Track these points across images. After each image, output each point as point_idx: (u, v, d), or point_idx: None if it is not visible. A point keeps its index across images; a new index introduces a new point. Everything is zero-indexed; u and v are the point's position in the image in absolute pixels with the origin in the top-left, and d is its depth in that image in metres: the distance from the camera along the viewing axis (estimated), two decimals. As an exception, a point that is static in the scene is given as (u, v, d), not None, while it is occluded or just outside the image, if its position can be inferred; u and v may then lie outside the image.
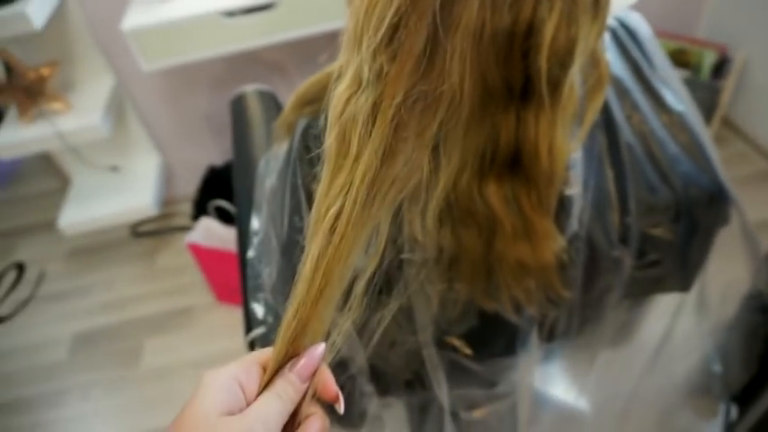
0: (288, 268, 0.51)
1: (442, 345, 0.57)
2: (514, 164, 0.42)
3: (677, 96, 0.54)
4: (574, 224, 0.47)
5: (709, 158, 0.54)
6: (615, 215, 0.51)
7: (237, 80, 1.65)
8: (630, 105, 0.50)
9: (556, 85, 0.39)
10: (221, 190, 1.50)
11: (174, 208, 1.85)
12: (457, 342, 0.57)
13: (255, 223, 0.62)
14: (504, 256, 0.46)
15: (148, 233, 1.80)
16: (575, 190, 0.46)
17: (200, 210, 1.54)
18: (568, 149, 0.42)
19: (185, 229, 1.74)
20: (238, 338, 1.44)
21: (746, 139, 1.72)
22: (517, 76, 0.38)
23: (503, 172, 0.43)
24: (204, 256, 1.40)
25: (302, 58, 1.66)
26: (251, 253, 0.59)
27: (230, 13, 1.23)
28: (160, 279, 1.69)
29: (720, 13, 1.68)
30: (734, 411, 0.97)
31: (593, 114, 0.44)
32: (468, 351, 0.58)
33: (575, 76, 0.40)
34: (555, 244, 0.46)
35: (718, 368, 0.85)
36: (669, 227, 0.54)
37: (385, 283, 0.49)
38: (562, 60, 0.38)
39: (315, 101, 0.52)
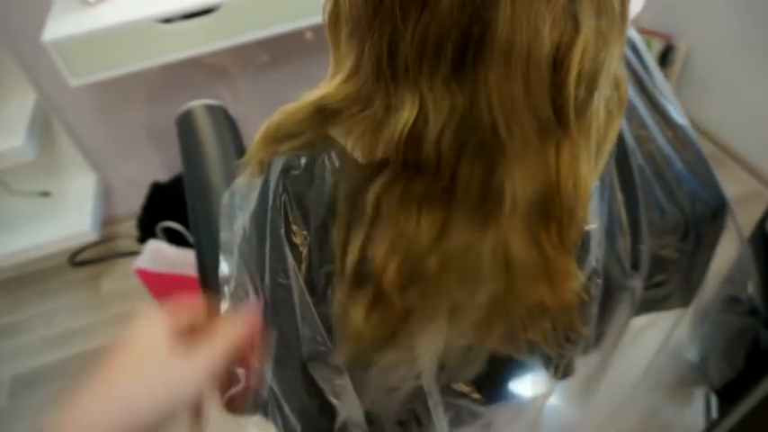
0: (275, 329, 0.45)
1: (448, 391, 0.52)
2: (534, 200, 0.38)
3: (677, 110, 0.51)
4: (592, 260, 0.43)
5: (712, 174, 0.51)
6: (627, 241, 0.48)
7: (177, 88, 1.54)
8: (638, 123, 0.47)
9: (581, 112, 0.34)
10: (169, 209, 1.39)
11: (117, 229, 1.71)
12: (465, 388, 0.52)
13: (225, 268, 0.55)
14: (523, 298, 0.42)
15: (89, 262, 1.66)
16: (593, 224, 0.42)
17: (146, 231, 1.43)
18: (591, 182, 0.38)
19: (131, 254, 1.61)
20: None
21: (692, 125, 1.77)
22: (545, 104, 0.33)
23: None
24: (155, 283, 1.29)
25: (246, 61, 1.57)
26: (225, 305, 0.52)
27: (168, 20, 1.13)
28: (107, 307, 1.56)
29: (663, 2, 1.71)
30: (714, 403, 0.99)
31: (612, 140, 0.40)
32: (477, 396, 0.54)
33: (599, 100, 0.35)
34: (576, 283, 0.42)
35: (692, 356, 0.85)
36: (677, 246, 0.52)
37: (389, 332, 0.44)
38: (589, 83, 0.33)
39: (292, 136, 0.45)
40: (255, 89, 1.65)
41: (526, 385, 0.57)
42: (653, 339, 0.69)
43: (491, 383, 0.54)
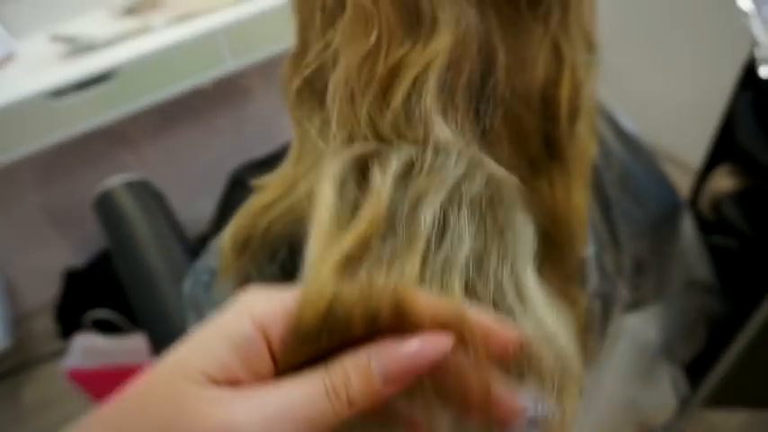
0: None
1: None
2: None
3: (624, 116, 0.53)
4: (593, 283, 0.43)
5: (663, 173, 0.54)
6: (610, 255, 0.48)
7: (74, 162, 1.41)
8: (599, 138, 0.48)
9: (570, 143, 0.35)
10: (90, 296, 1.26)
11: (29, 329, 1.52)
12: None
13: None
14: None
15: (8, 373, 1.45)
16: (590, 249, 0.42)
17: (68, 324, 1.28)
18: (586, 209, 0.38)
19: (53, 354, 1.44)
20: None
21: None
22: (535, 142, 0.33)
23: None
24: (93, 382, 1.16)
25: (146, 123, 1.47)
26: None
27: (59, 93, 1.03)
28: (36, 418, 1.37)
29: None
30: (681, 381, 1.03)
31: (591, 162, 0.40)
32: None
33: (581, 126, 0.36)
34: (581, 309, 0.42)
35: (654, 341, 0.88)
36: (648, 248, 0.53)
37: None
38: (575, 113, 0.34)
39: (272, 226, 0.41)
40: (164, 151, 1.56)
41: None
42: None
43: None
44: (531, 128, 0.32)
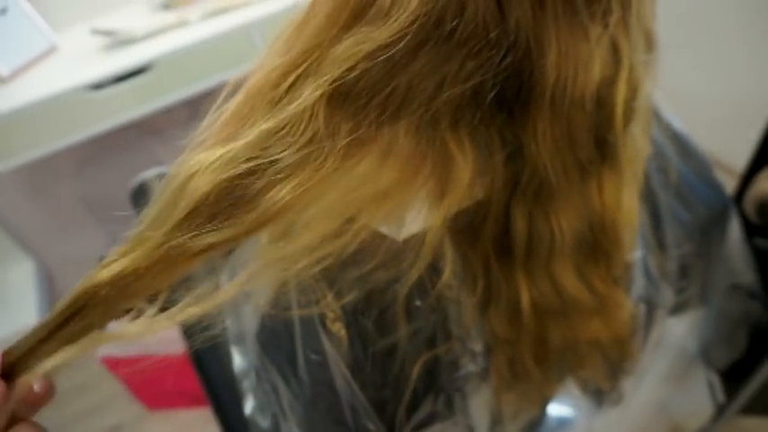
0: (320, 422, 0.40)
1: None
2: (580, 239, 0.36)
3: (675, 120, 0.51)
4: (638, 287, 0.42)
5: (714, 176, 0.52)
6: (656, 258, 0.47)
7: (110, 153, 1.44)
8: (650, 140, 0.47)
9: (624, 145, 0.34)
10: (125, 285, 1.28)
11: (65, 315, 1.57)
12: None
13: (239, 360, 0.49)
14: (576, 338, 0.40)
15: (40, 354, 1.50)
16: (637, 253, 0.41)
17: (102, 313, 1.31)
18: (635, 211, 0.37)
19: (87, 338, 1.48)
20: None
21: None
22: (587, 143, 0.32)
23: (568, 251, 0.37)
24: (125, 368, 1.19)
25: (176, 115, 1.49)
26: (250, 405, 0.46)
27: (98, 86, 1.05)
28: (69, 403, 1.42)
29: None
30: (717, 386, 1.01)
31: (643, 164, 0.39)
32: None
33: (635, 129, 0.35)
34: (626, 313, 0.41)
35: (691, 345, 0.86)
36: (694, 251, 0.52)
37: (444, 401, 0.41)
38: (630, 115, 0.33)
39: None
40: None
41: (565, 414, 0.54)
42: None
43: (537, 424, 0.52)
44: (582, 129, 0.31)
